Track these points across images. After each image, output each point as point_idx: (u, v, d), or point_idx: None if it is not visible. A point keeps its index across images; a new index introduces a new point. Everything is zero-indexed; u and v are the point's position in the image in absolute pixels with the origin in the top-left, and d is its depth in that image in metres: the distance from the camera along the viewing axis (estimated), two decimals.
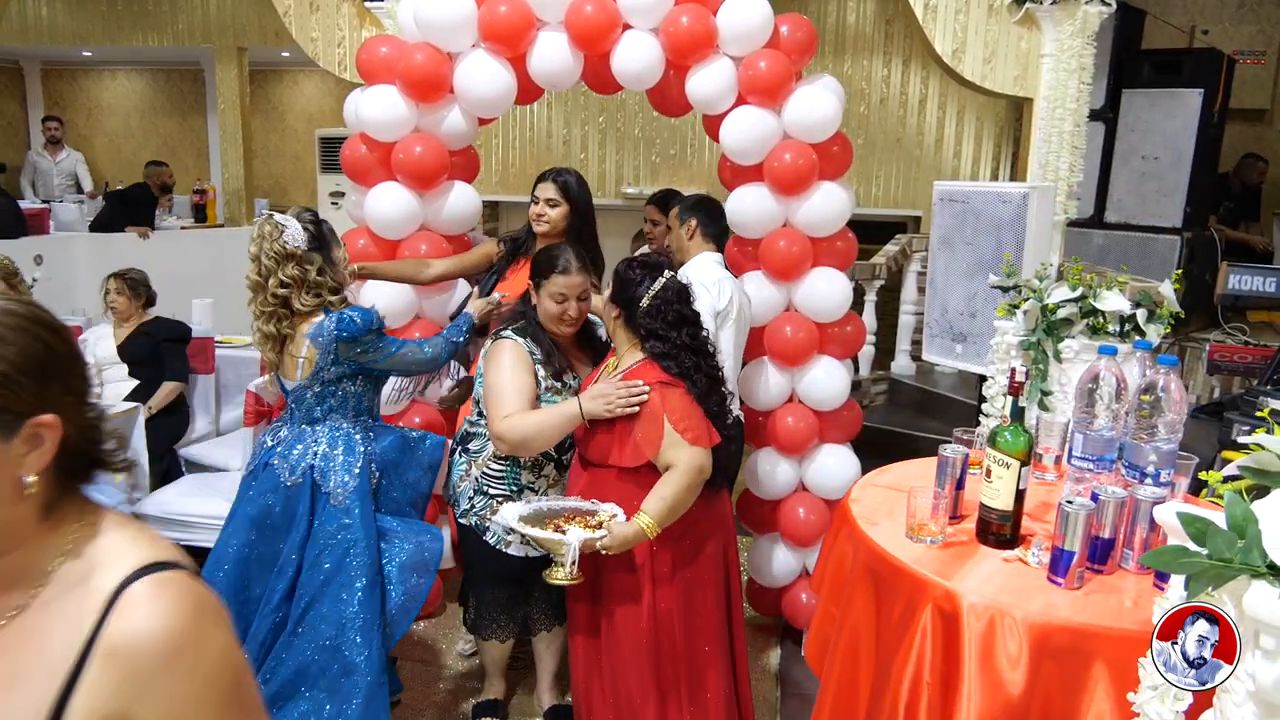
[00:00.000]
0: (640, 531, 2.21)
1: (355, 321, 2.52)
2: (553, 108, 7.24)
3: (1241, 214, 6.34)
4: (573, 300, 2.55)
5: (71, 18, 8.23)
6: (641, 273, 2.40)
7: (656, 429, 2.24)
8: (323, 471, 2.54)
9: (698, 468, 2.24)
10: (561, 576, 2.22)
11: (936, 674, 1.56)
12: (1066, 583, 1.60)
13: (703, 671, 2.38)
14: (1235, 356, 3.23)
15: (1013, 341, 2.60)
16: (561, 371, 2.58)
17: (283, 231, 2.53)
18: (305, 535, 2.53)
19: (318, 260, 2.57)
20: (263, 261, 2.54)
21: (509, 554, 2.65)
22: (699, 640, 2.38)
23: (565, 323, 2.57)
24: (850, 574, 1.86)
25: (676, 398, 2.28)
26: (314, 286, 2.55)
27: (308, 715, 2.45)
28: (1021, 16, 3.89)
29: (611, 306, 2.44)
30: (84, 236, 6.86)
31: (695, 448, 2.24)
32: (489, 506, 2.62)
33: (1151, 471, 1.74)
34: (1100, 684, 1.45)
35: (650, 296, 2.36)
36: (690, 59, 3.13)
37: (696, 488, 2.26)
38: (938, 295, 3.69)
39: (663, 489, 2.23)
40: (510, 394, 2.44)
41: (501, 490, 2.62)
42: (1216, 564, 1.14)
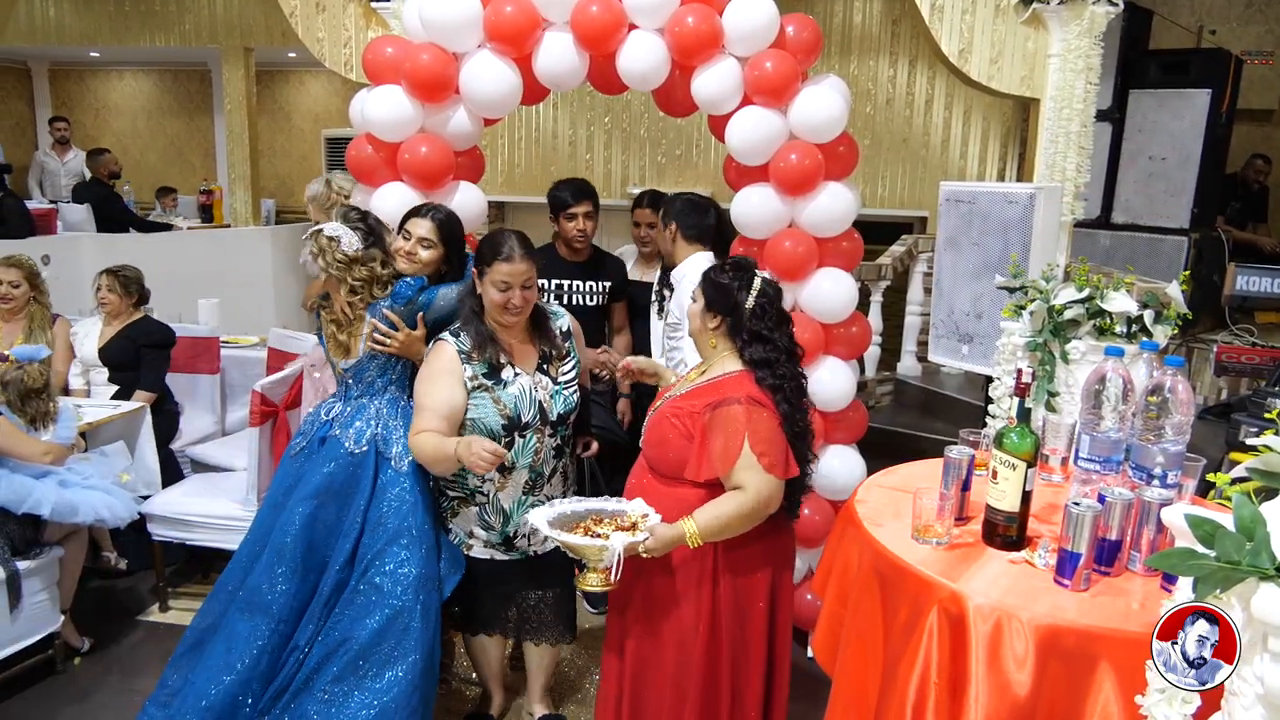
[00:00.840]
0: (682, 536, 2.09)
1: (408, 288, 2.68)
2: (558, 108, 7.24)
3: (1249, 215, 6.31)
4: (516, 288, 2.44)
5: (79, 18, 8.25)
6: (737, 275, 2.26)
7: (735, 447, 2.10)
8: (385, 439, 2.69)
9: (766, 498, 2.11)
10: (597, 582, 2.08)
11: (944, 675, 1.56)
12: (1073, 585, 1.60)
13: (744, 702, 2.28)
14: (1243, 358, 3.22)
15: (1019, 342, 2.59)
16: (497, 364, 2.50)
17: (339, 244, 2.65)
18: (369, 499, 2.65)
19: (379, 255, 2.70)
20: (331, 274, 2.66)
21: (473, 556, 2.66)
22: (743, 673, 2.26)
23: (510, 312, 2.47)
24: (856, 575, 1.86)
25: (763, 420, 2.13)
26: (384, 281, 2.70)
27: (370, 669, 2.52)
28: (1028, 16, 3.87)
29: (711, 316, 2.27)
30: (91, 236, 6.88)
31: (769, 475, 2.10)
32: (450, 508, 2.66)
33: (1159, 473, 1.74)
34: (1107, 686, 1.44)
35: (754, 297, 2.23)
36: (696, 59, 3.12)
37: (755, 518, 2.13)
38: (944, 296, 3.68)
39: (721, 505, 2.11)
40: (423, 409, 2.44)
41: (456, 493, 2.63)
42: (1225, 566, 1.13)
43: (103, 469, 3.33)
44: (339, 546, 2.65)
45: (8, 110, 10.25)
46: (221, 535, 3.54)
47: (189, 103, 10.78)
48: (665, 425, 2.26)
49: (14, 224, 6.28)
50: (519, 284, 2.45)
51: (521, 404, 2.50)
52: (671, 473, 2.23)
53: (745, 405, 2.13)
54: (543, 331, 2.62)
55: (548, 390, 2.56)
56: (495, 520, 2.62)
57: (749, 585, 2.23)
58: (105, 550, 3.97)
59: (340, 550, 2.64)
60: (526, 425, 2.52)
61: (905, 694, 1.59)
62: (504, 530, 2.62)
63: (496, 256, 2.45)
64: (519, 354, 2.56)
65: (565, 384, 2.60)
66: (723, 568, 2.20)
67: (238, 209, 8.03)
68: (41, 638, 3.17)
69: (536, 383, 2.54)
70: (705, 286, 2.30)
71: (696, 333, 2.34)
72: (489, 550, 2.64)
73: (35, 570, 3.11)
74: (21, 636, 3.10)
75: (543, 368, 2.58)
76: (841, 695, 1.88)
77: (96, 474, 3.27)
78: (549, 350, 2.60)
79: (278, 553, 2.63)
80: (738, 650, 2.24)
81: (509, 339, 2.55)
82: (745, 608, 2.23)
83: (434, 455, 2.41)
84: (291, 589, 2.62)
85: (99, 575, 3.95)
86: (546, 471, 2.61)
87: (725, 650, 2.22)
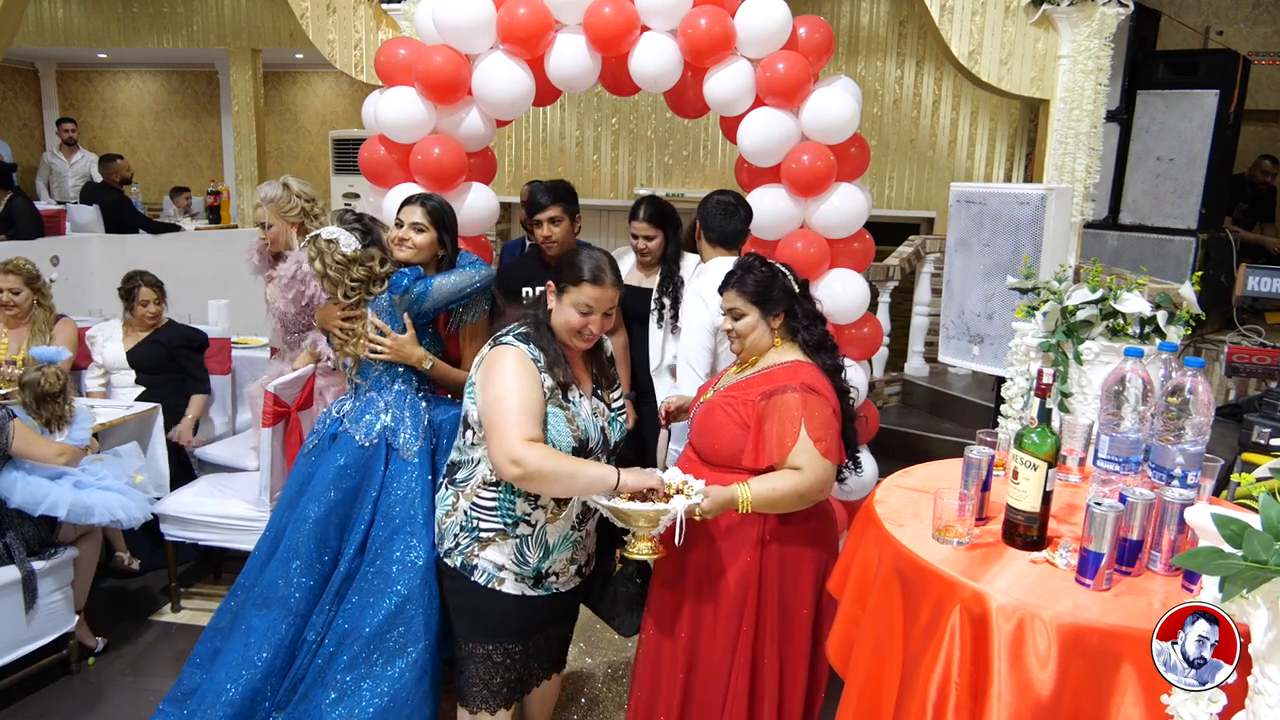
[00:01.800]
0: (734, 499, 2.13)
1: (404, 277, 2.72)
2: (565, 109, 7.26)
3: (1257, 215, 6.32)
4: (598, 314, 2.24)
5: (87, 19, 8.27)
6: (767, 268, 2.30)
7: (793, 433, 2.15)
8: (394, 432, 2.73)
9: (822, 482, 2.16)
10: (646, 550, 2.14)
11: (965, 674, 1.57)
12: (1095, 584, 1.60)
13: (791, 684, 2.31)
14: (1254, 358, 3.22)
15: (1032, 343, 2.60)
16: (566, 386, 2.25)
17: (336, 246, 2.70)
18: (379, 490, 2.69)
19: (377, 253, 2.75)
20: (329, 275, 2.72)
21: (504, 592, 2.29)
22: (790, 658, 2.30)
23: (583, 337, 2.27)
24: (876, 575, 1.86)
25: (818, 406, 2.17)
26: (381, 278, 2.74)
27: (380, 657, 2.55)
28: (1039, 18, 3.89)
29: (774, 317, 2.29)
30: (100, 237, 6.91)
31: (825, 460, 2.16)
32: (476, 543, 2.29)
33: (1178, 474, 1.74)
34: (1130, 686, 1.45)
35: (795, 280, 2.31)
36: (708, 61, 3.14)
37: (808, 499, 2.18)
38: (954, 297, 3.68)
39: (778, 479, 2.16)
40: (520, 412, 2.12)
41: (494, 524, 2.26)
42: (1253, 566, 1.14)
43: (116, 469, 3.34)
44: (350, 539, 2.69)
45: (15, 111, 10.27)
46: (234, 535, 3.56)
47: (196, 104, 10.80)
48: (718, 414, 2.28)
49: (24, 225, 6.30)
50: (602, 310, 2.25)
51: (589, 427, 2.27)
52: (723, 461, 2.26)
53: (801, 392, 2.17)
54: (596, 355, 2.43)
55: (605, 416, 2.36)
56: (534, 554, 2.29)
57: (795, 564, 2.27)
58: (119, 550, 3.98)
59: (351, 541, 2.68)
60: (591, 450, 2.27)
61: (926, 693, 1.60)
62: (539, 565, 2.31)
63: (585, 278, 2.23)
64: (580, 378, 2.35)
65: (617, 410, 2.43)
66: (770, 542, 2.24)
67: (245, 210, 8.05)
68: (56, 638, 3.18)
69: (595, 408, 2.34)
70: (750, 296, 2.28)
71: (758, 341, 2.32)
72: (520, 586, 2.31)
73: (50, 571, 3.12)
74: (36, 636, 3.11)
75: (597, 393, 2.39)
76: (855, 694, 1.88)
77: (111, 475, 3.28)
78: (599, 375, 2.42)
79: (292, 549, 2.66)
80: (784, 631, 2.28)
81: (574, 359, 2.34)
82: (791, 588, 2.27)
83: (579, 473, 2.15)
84: (308, 583, 2.65)
85: (112, 575, 3.96)
86: (594, 506, 2.30)
87: (771, 630, 2.26)
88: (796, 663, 2.31)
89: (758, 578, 2.25)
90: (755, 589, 2.25)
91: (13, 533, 3.05)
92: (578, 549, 2.39)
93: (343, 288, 2.72)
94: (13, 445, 2.98)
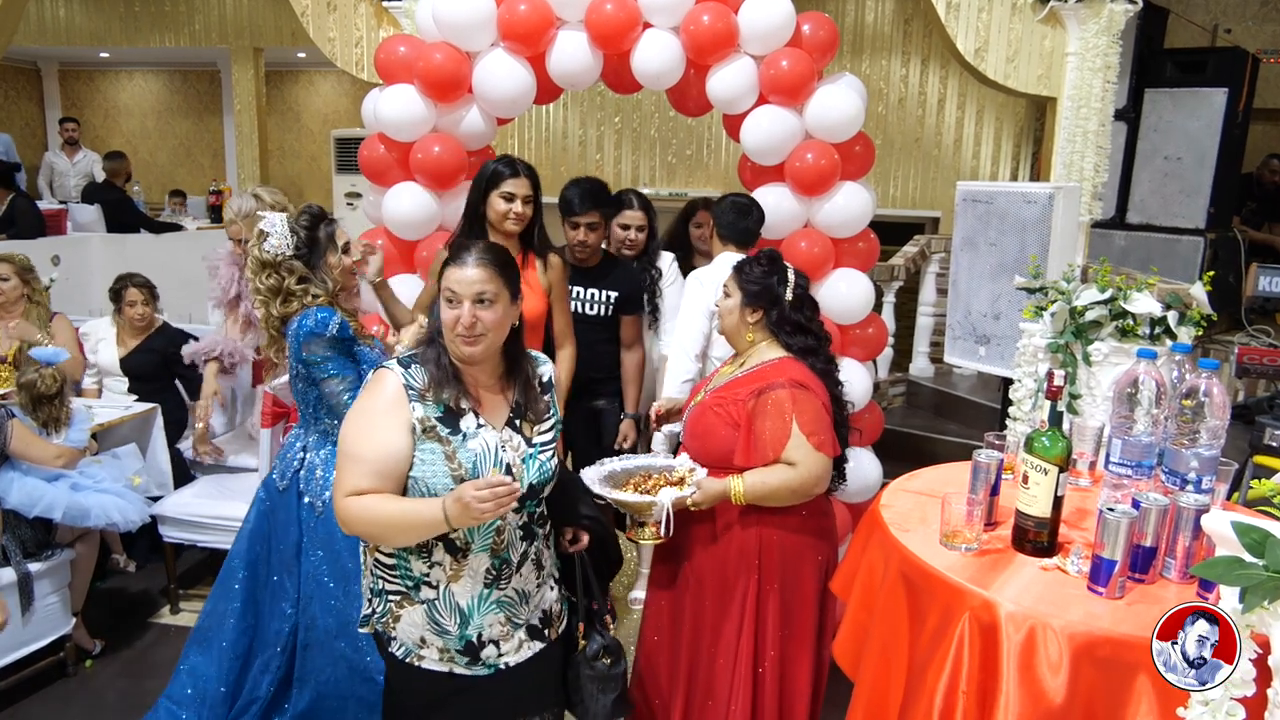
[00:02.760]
0: (727, 491, 2.15)
1: (309, 322, 2.42)
2: (569, 108, 7.23)
3: (1266, 215, 6.26)
4: (466, 303, 1.82)
5: (89, 19, 8.26)
6: (772, 268, 2.30)
7: (784, 429, 2.14)
8: (306, 479, 2.55)
9: (816, 475, 2.16)
10: (650, 536, 2.17)
11: (973, 683, 1.53)
12: (1108, 592, 1.56)
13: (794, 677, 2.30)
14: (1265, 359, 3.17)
15: (1040, 344, 2.56)
16: (456, 409, 1.87)
17: (264, 239, 2.48)
18: (299, 538, 2.55)
19: (299, 269, 2.48)
20: (249, 266, 2.53)
21: (424, 669, 1.91)
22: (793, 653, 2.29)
23: (464, 340, 1.83)
24: (882, 581, 1.82)
25: (808, 401, 2.17)
26: (288, 295, 2.47)
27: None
28: (1045, 15, 3.85)
29: (750, 310, 2.29)
30: (100, 237, 6.89)
31: (819, 454, 2.15)
32: (388, 612, 1.93)
33: (1193, 478, 1.70)
34: (1145, 697, 1.41)
35: (792, 288, 2.29)
36: (711, 58, 3.10)
37: (802, 494, 2.18)
38: (960, 297, 3.64)
39: (771, 473, 2.15)
40: (353, 459, 1.82)
41: (397, 586, 1.91)
42: (1275, 576, 1.10)
43: (114, 472, 3.32)
44: (281, 585, 2.60)
45: (18, 111, 10.27)
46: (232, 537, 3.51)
47: (198, 103, 10.80)
48: (709, 416, 2.28)
49: (25, 224, 6.29)
50: (469, 298, 1.81)
51: (483, 464, 1.85)
52: (716, 462, 2.24)
53: (790, 389, 2.17)
54: (519, 377, 1.97)
55: (519, 451, 1.91)
56: (450, 621, 1.89)
57: (796, 559, 2.26)
58: (115, 552, 3.96)
59: (283, 590, 2.59)
60: None
61: (933, 701, 1.56)
62: (463, 634, 1.89)
63: (446, 263, 1.90)
64: (487, 402, 1.93)
65: (542, 447, 1.95)
66: (769, 538, 2.23)
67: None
68: (53, 640, 3.16)
69: (505, 441, 1.89)
70: (741, 282, 2.31)
71: (733, 327, 2.34)
72: (446, 663, 1.91)
73: (47, 572, 3.09)
74: (33, 639, 3.09)
75: (514, 423, 1.93)
76: (863, 700, 1.85)
77: (108, 477, 3.25)
78: (523, 403, 1.96)
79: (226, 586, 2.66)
80: (787, 627, 2.27)
81: (476, 379, 1.92)
82: (792, 583, 2.26)
83: (399, 523, 1.81)
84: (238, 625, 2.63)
85: (109, 576, 3.94)
86: (514, 558, 1.92)
87: (773, 626, 2.25)
88: (800, 660, 2.29)
89: (757, 573, 2.23)
90: (755, 585, 2.23)
91: (9, 534, 3.02)
92: (515, 607, 1.94)
93: (253, 287, 2.50)
94: (10, 445, 2.96)
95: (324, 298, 2.50)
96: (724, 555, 2.26)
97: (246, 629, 2.63)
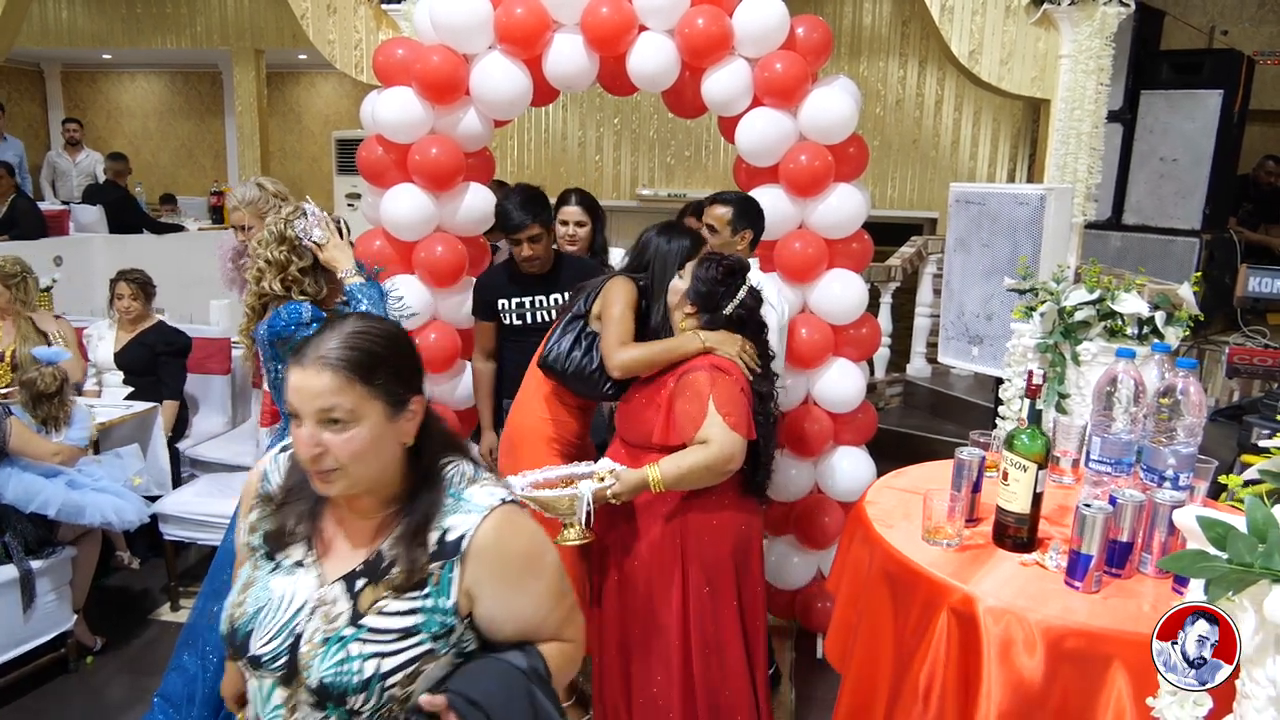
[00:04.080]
0: (645, 480, 2.22)
1: (282, 317, 2.43)
2: (567, 109, 7.26)
3: (1261, 216, 6.28)
4: (307, 420, 1.31)
5: (91, 20, 8.31)
6: (725, 279, 2.36)
7: (700, 409, 2.22)
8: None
9: (729, 454, 2.21)
10: (574, 536, 2.21)
11: (955, 676, 1.56)
12: (1084, 586, 1.59)
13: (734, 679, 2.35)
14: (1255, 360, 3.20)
15: (1029, 344, 2.59)
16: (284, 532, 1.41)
17: (299, 218, 2.53)
18: None
19: (308, 258, 2.53)
20: (265, 232, 2.55)
21: None
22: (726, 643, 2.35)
23: (315, 476, 1.33)
24: (867, 577, 1.86)
25: (726, 385, 2.25)
26: (290, 279, 2.50)
27: None
28: (1039, 17, 3.87)
29: (690, 304, 2.38)
30: (103, 238, 6.93)
31: (733, 433, 2.21)
32: None
33: (1170, 475, 1.73)
34: (1118, 688, 1.44)
35: (734, 306, 2.36)
36: (706, 60, 3.13)
37: (716, 472, 2.24)
38: (954, 297, 3.67)
39: (684, 457, 2.22)
40: None
41: None
42: (1237, 568, 1.13)
43: (115, 471, 3.35)
44: None
45: (21, 112, 10.32)
46: None
47: (200, 104, 10.85)
48: (636, 398, 2.41)
49: (27, 225, 6.33)
50: (310, 416, 1.30)
51: (264, 619, 1.35)
52: (640, 441, 2.36)
53: (709, 372, 2.27)
54: (409, 518, 1.36)
55: (327, 627, 1.32)
56: None
57: (717, 537, 2.33)
58: (119, 550, 3.99)
59: None
60: (253, 659, 1.34)
61: (915, 693, 1.59)
62: None
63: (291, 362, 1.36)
64: (332, 537, 1.41)
65: (373, 635, 1.31)
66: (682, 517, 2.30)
67: None
68: (54, 636, 3.19)
69: (321, 600, 1.34)
70: (695, 276, 2.39)
71: (674, 306, 2.44)
72: None
73: (48, 569, 3.13)
74: (34, 635, 3.12)
75: (353, 584, 1.35)
76: (850, 694, 1.88)
77: (107, 476, 3.28)
78: (387, 560, 1.35)
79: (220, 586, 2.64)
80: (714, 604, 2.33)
81: (336, 503, 1.40)
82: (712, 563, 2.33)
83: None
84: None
85: (112, 574, 3.97)
86: None
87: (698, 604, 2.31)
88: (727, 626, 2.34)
89: (681, 559, 2.30)
90: (680, 570, 2.30)
91: (11, 532, 3.06)
92: None
93: (263, 252, 2.48)
94: (9, 442, 2.99)
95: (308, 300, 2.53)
96: (649, 551, 2.33)
97: None
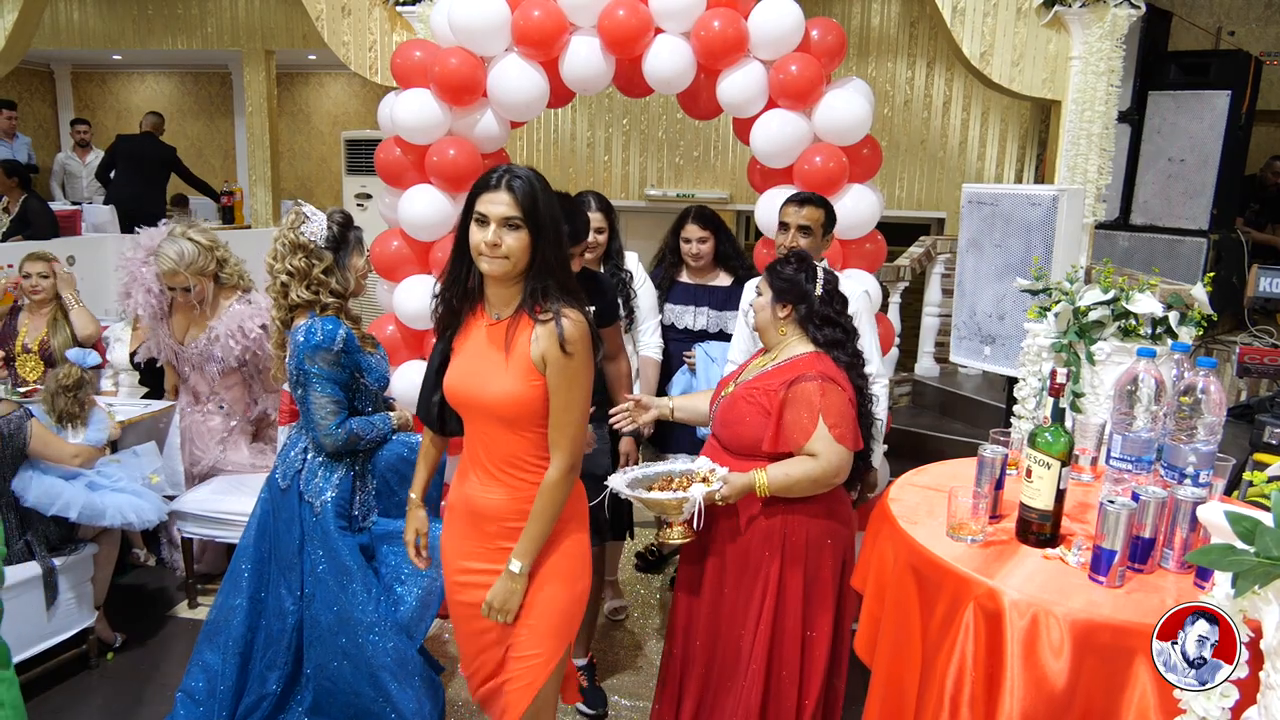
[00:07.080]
0: (752, 484, 2.24)
1: (316, 333, 2.49)
2: (577, 110, 7.29)
3: (1269, 216, 6.30)
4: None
5: (102, 21, 8.34)
6: (801, 266, 2.40)
7: (810, 421, 2.23)
8: (306, 479, 2.61)
9: (836, 467, 2.23)
10: (678, 535, 2.25)
11: (980, 669, 1.59)
12: (1108, 581, 1.62)
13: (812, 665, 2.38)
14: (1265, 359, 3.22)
15: (1044, 344, 2.61)
16: None
17: (305, 223, 2.57)
18: (301, 537, 2.61)
19: (328, 259, 2.57)
20: (277, 246, 2.58)
21: None
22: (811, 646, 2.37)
23: None
24: (892, 572, 1.88)
25: (835, 395, 2.26)
26: (315, 283, 2.55)
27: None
28: (1050, 19, 3.90)
29: (781, 306, 2.39)
30: (115, 238, 6.94)
31: (839, 446, 2.23)
32: None
33: (1191, 473, 1.76)
34: (1142, 680, 1.47)
35: (821, 285, 2.39)
36: (721, 63, 3.16)
37: (823, 484, 2.25)
38: (966, 297, 3.69)
39: (793, 465, 2.24)
40: None
41: None
42: (1264, 562, 1.15)
43: (133, 470, 3.37)
44: (290, 584, 2.65)
45: (31, 113, 10.35)
46: None
47: (210, 105, 10.88)
48: (741, 405, 2.37)
49: (39, 226, 6.35)
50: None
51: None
52: (745, 450, 2.34)
53: (820, 381, 2.26)
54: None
55: None
56: None
57: (817, 545, 2.34)
58: (135, 547, 4.02)
59: (289, 588, 2.65)
60: None
61: (943, 687, 1.62)
62: None
63: None
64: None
65: None
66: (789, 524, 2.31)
67: (258, 210, 8.11)
68: (76, 633, 3.22)
69: None
70: (772, 280, 2.42)
71: (766, 323, 2.45)
72: None
73: (69, 567, 3.16)
74: (57, 632, 3.15)
75: None
76: (880, 688, 1.91)
77: (125, 476, 3.31)
78: None
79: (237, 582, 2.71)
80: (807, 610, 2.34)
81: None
82: (814, 569, 2.34)
83: None
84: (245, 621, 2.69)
85: (129, 571, 4.01)
86: None
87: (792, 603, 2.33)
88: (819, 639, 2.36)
89: (780, 556, 2.32)
90: (778, 567, 2.32)
91: (33, 530, 3.09)
92: None
93: (280, 265, 2.54)
94: (30, 445, 3.02)
95: (335, 303, 2.58)
96: (747, 543, 2.34)
97: (252, 625, 2.70)
